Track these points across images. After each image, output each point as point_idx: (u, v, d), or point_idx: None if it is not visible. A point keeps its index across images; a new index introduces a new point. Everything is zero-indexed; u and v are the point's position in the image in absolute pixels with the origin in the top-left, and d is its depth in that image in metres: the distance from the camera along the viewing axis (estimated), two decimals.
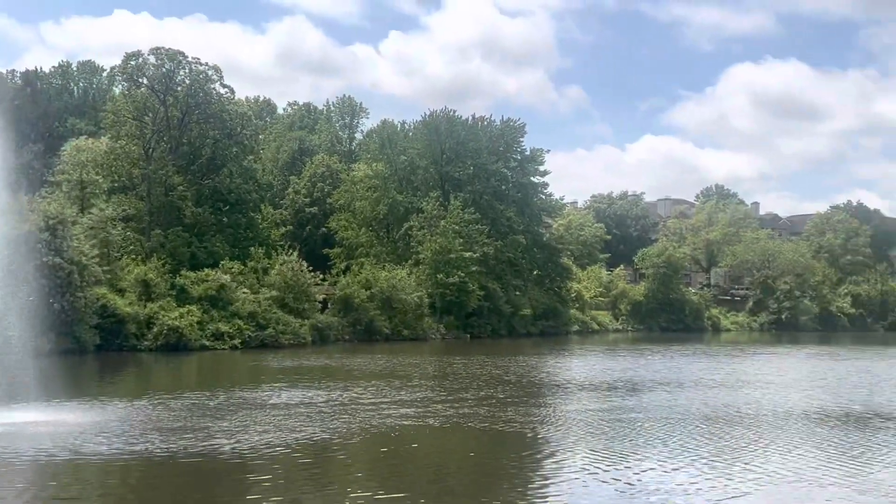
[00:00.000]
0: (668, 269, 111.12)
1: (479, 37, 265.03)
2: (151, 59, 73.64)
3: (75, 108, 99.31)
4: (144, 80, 74.68)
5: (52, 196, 60.03)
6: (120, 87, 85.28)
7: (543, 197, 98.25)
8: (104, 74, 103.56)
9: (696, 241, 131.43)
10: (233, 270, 65.08)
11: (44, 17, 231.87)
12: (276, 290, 65.71)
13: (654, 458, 21.71)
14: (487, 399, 33.15)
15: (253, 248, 71.78)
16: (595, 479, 19.21)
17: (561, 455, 22.24)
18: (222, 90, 76.34)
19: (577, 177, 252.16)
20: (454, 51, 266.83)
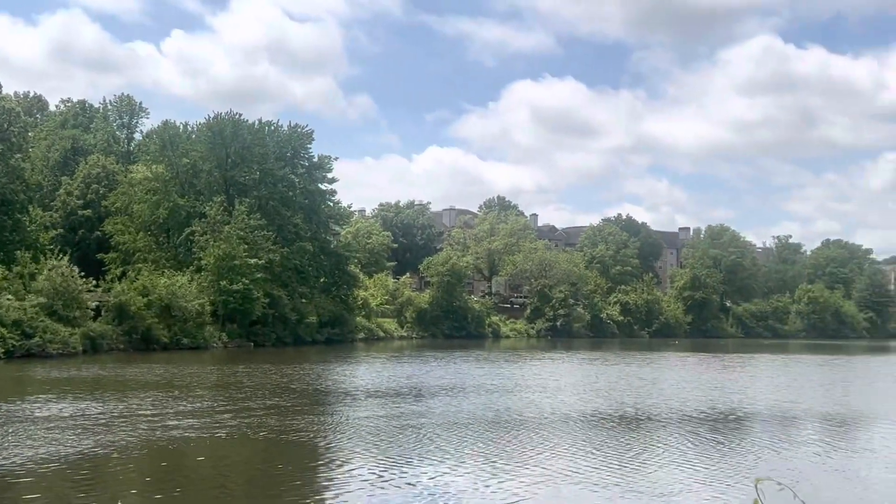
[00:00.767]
0: (452, 278, 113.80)
1: (267, 40, 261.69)
2: None
3: None
4: None
5: None
6: None
7: (331, 204, 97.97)
8: None
9: (478, 251, 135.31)
10: None
11: None
12: (45, 297, 61.45)
13: (442, 463, 21.99)
14: (274, 408, 32.45)
15: (19, 252, 66.96)
16: (382, 485, 19.17)
17: (349, 463, 22.07)
18: None
19: (365, 185, 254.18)
20: (241, 53, 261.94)
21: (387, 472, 20.60)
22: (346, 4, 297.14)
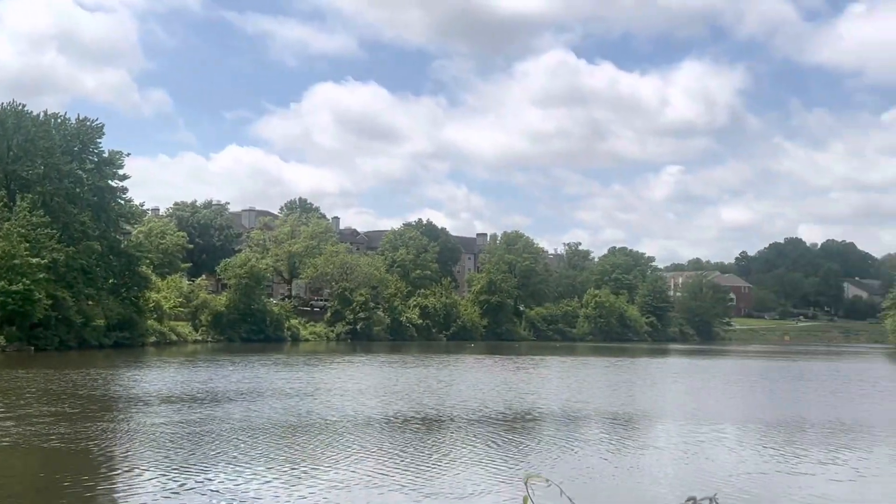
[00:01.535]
0: (251, 280, 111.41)
1: (55, 28, 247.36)
2: None
3: None
4: None
5: None
6: None
7: (122, 202, 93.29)
8: None
9: (279, 253, 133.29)
10: None
11: None
12: None
13: (245, 469, 21.48)
14: (62, 415, 30.54)
15: None
16: (184, 493, 18.48)
17: (149, 471, 21.07)
18: None
19: (159, 183, 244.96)
20: (25, 41, 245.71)
21: (190, 479, 19.88)
22: None
